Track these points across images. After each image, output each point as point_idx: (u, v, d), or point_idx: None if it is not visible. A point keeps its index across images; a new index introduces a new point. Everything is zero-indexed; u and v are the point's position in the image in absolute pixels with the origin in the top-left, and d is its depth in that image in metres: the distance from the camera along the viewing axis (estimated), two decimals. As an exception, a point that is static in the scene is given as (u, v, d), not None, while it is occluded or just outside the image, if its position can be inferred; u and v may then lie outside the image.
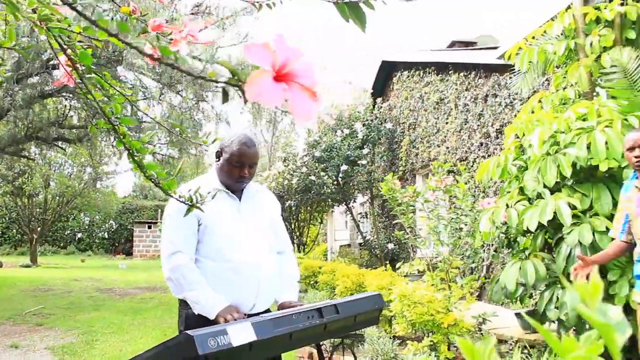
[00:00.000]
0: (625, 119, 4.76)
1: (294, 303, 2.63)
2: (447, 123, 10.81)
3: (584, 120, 5.04)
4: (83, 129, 13.20)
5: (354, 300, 2.38)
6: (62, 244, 30.25)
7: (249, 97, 0.76)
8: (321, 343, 2.62)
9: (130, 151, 1.31)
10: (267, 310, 2.63)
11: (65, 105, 13.96)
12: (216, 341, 1.72)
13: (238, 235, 2.58)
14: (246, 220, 2.65)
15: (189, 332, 1.72)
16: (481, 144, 9.37)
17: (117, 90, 1.72)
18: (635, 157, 3.49)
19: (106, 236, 31.55)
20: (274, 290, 2.67)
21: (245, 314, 2.43)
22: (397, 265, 9.38)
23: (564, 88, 5.90)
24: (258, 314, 2.47)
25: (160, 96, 12.95)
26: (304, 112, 0.81)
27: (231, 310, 2.33)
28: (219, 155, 2.67)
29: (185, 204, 1.40)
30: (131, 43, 1.06)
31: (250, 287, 2.53)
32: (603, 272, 4.55)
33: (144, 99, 12.48)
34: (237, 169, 2.59)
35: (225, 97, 0.90)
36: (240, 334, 1.80)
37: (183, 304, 2.54)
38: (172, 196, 1.36)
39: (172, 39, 1.68)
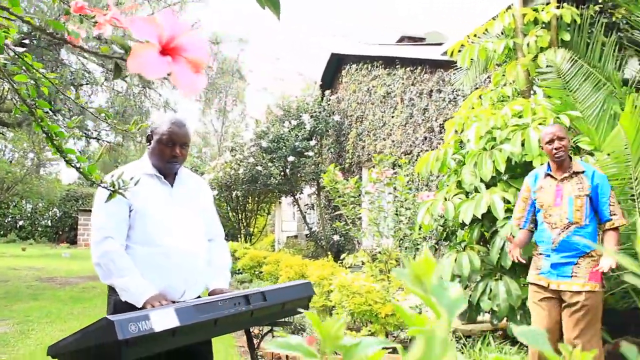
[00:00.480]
0: (558, 117, 4.94)
1: (224, 290, 2.64)
2: (393, 117, 10.95)
3: (519, 117, 5.20)
4: (22, 112, 12.77)
5: (282, 288, 2.41)
6: (2, 232, 29.26)
7: (130, 69, 0.78)
8: (251, 329, 2.65)
9: (49, 135, 1.30)
10: (199, 298, 2.63)
11: (4, 88, 13.51)
12: (137, 326, 1.72)
13: (169, 220, 2.57)
14: (178, 205, 2.64)
15: (109, 317, 1.72)
16: (425, 138, 9.54)
17: (41, 74, 1.70)
18: (555, 148, 3.70)
19: (49, 224, 30.63)
20: (205, 277, 2.67)
21: (174, 302, 2.43)
22: (342, 257, 9.48)
23: (504, 85, 6.07)
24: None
25: (104, 81, 12.66)
26: (188, 84, 0.83)
27: (159, 299, 2.31)
28: (149, 138, 2.66)
29: (107, 189, 1.40)
30: (23, 17, 1.06)
31: (181, 273, 2.52)
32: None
33: (86, 83, 12.17)
34: (169, 149, 2.59)
35: (118, 72, 0.91)
36: (163, 320, 1.81)
37: (111, 290, 2.51)
38: (93, 181, 1.36)
39: (96, 22, 1.67)
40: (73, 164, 1.39)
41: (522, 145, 4.86)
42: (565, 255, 3.65)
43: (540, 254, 3.80)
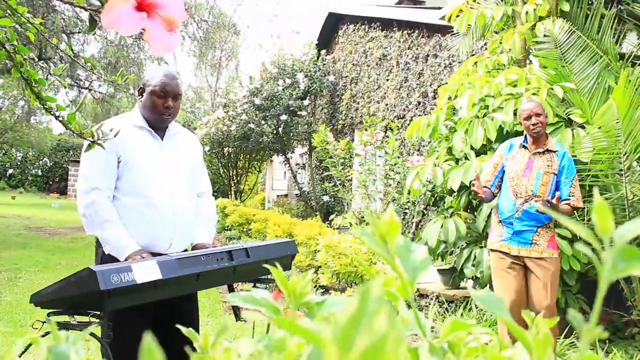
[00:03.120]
0: (552, 88, 4.93)
1: (208, 245, 2.65)
2: (387, 80, 10.89)
3: (513, 86, 5.18)
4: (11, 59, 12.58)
5: (265, 245, 2.42)
6: (-9, 180, 29.18)
7: (104, 23, 0.76)
8: (234, 285, 2.67)
9: (28, 81, 1.28)
10: (185, 252, 2.64)
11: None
12: (119, 277, 1.73)
13: (158, 172, 2.56)
14: (168, 158, 2.63)
15: (92, 267, 1.73)
16: (419, 102, 9.51)
17: (26, 19, 1.67)
18: (533, 124, 3.85)
19: (40, 174, 30.49)
20: (192, 231, 2.68)
21: (160, 254, 2.45)
22: (330, 218, 9.54)
23: (500, 53, 6.02)
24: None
25: (95, 30, 12.40)
26: (161, 42, 0.81)
27: (141, 254, 2.32)
28: (141, 91, 2.63)
29: (86, 139, 1.39)
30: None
31: (168, 225, 2.53)
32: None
33: (78, 32, 11.94)
34: (162, 101, 2.57)
35: (92, 25, 0.89)
36: (145, 272, 1.82)
37: (98, 242, 2.52)
38: (72, 130, 1.35)
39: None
40: (52, 112, 1.38)
41: (514, 114, 4.86)
42: (527, 224, 3.83)
43: (501, 221, 3.91)
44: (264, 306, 0.53)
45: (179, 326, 0.71)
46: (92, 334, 1.84)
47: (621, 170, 4.39)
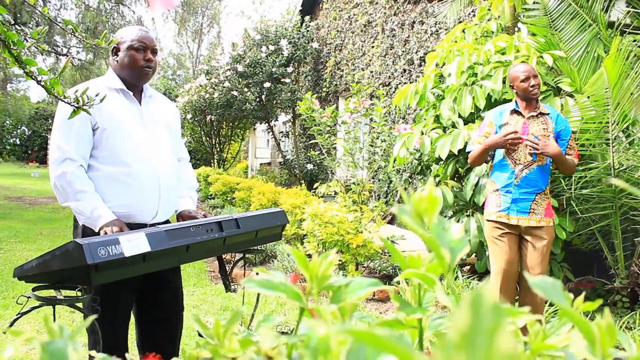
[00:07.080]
0: (541, 57, 4.87)
1: (192, 213, 2.58)
2: (372, 47, 10.75)
3: (502, 54, 5.12)
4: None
5: (255, 215, 2.35)
6: (-32, 150, 28.64)
7: None
8: (223, 256, 2.62)
9: (6, 42, 1.19)
10: (168, 222, 2.56)
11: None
12: (107, 250, 1.67)
13: (140, 138, 2.45)
14: (148, 123, 2.53)
15: (77, 240, 1.65)
16: (404, 70, 9.41)
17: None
18: (531, 86, 3.75)
19: (18, 142, 29.96)
20: (175, 198, 2.60)
21: (145, 225, 2.38)
22: (314, 186, 9.49)
23: (488, 20, 5.95)
24: (160, 223, 2.42)
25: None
26: None
27: (116, 224, 2.24)
28: (116, 51, 2.52)
29: (70, 104, 1.30)
30: None
31: (153, 194, 2.44)
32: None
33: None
34: (141, 54, 2.48)
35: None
36: (134, 245, 1.75)
37: None
38: (55, 96, 1.27)
39: None
40: (33, 77, 1.29)
41: (503, 82, 4.81)
42: (526, 192, 3.78)
43: (499, 190, 3.85)
44: (283, 292, 0.48)
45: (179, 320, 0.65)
46: (78, 308, 1.78)
47: (608, 139, 4.38)
